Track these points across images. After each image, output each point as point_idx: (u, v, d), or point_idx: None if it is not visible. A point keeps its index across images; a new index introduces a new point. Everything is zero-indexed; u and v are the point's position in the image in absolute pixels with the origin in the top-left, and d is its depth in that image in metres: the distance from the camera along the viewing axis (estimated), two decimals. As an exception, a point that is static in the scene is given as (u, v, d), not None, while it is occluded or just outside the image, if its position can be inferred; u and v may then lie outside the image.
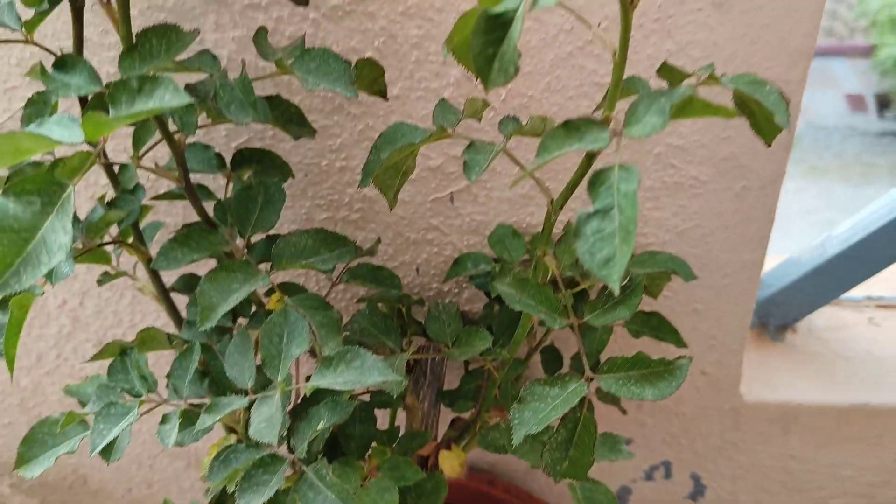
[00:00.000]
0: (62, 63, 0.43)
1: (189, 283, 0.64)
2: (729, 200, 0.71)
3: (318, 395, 0.49)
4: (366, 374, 0.45)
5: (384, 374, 0.44)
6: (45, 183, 0.38)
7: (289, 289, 0.59)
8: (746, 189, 0.70)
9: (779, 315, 0.91)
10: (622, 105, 0.43)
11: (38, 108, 0.53)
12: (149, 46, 0.43)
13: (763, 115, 0.47)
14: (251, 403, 0.47)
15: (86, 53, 0.58)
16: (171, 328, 0.66)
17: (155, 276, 0.62)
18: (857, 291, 0.95)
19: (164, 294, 0.63)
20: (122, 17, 0.43)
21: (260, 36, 0.53)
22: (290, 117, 0.62)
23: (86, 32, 0.61)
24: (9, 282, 0.37)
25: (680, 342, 0.64)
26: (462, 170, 0.70)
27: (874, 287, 0.97)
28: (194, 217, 0.61)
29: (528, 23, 0.64)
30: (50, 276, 0.48)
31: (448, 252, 0.76)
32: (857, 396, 0.86)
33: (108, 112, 0.46)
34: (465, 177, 0.47)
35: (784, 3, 0.61)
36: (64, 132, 0.39)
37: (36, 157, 0.50)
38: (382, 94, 0.57)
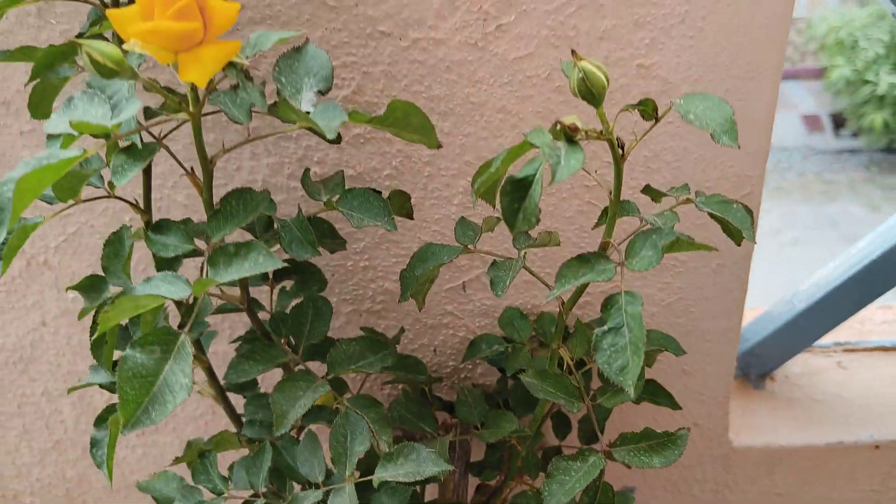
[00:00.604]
0: (158, 227, 0.52)
1: (241, 384, 0.72)
2: (707, 276, 0.81)
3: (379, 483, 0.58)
4: (422, 465, 0.54)
5: (438, 464, 0.53)
6: (162, 334, 0.46)
7: (335, 384, 0.67)
8: (721, 266, 0.81)
9: (758, 365, 1.01)
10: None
11: (115, 248, 0.62)
12: (229, 208, 0.52)
13: (733, 226, 0.57)
14: (325, 495, 0.56)
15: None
16: (205, 417, 0.73)
17: (213, 379, 0.70)
18: (826, 338, 1.05)
19: (221, 395, 0.71)
20: (206, 184, 0.53)
21: (306, 177, 0.63)
22: (324, 233, 0.71)
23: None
24: (140, 419, 0.45)
25: (675, 405, 0.74)
26: (477, 265, 0.80)
27: (840, 333, 1.07)
28: (233, 321, 0.69)
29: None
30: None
31: (462, 333, 0.86)
32: (831, 436, 0.96)
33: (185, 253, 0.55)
34: (493, 293, 0.56)
35: (740, 115, 0.72)
36: (172, 289, 0.48)
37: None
38: (409, 216, 0.66)
